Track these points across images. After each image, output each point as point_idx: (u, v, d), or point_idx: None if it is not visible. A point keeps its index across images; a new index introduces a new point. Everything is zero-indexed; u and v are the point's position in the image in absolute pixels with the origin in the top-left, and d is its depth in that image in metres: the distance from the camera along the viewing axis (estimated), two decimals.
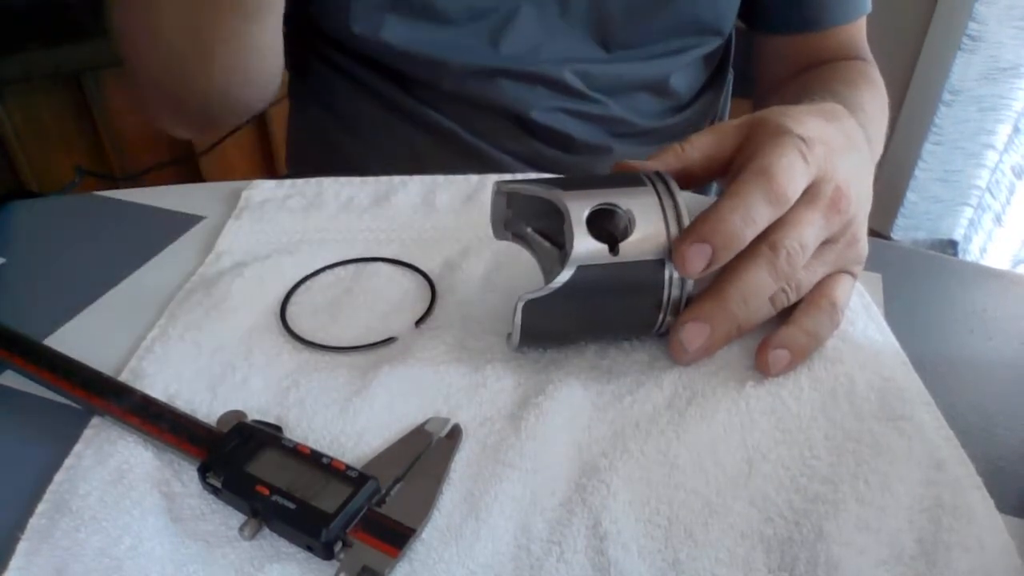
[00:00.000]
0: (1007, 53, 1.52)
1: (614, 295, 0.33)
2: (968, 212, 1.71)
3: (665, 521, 0.28)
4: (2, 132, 1.33)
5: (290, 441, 0.29)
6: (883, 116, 0.59)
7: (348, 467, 0.28)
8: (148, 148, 1.50)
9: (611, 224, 0.33)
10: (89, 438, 0.31)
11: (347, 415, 0.32)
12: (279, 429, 0.31)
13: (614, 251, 0.32)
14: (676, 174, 0.35)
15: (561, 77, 0.60)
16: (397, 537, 0.26)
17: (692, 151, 0.37)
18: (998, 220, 1.56)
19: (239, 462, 0.28)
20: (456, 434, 0.31)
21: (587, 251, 0.32)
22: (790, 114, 0.36)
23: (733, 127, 0.37)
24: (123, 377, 0.34)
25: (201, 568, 0.26)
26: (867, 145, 0.41)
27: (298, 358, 0.36)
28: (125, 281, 0.42)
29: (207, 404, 0.33)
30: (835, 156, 0.35)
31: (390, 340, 0.37)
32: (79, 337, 0.37)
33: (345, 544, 0.26)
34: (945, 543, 0.26)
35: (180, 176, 1.56)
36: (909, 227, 1.76)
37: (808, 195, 0.34)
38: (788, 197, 0.33)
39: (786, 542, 0.27)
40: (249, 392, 0.33)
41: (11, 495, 0.29)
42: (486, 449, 0.31)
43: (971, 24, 1.50)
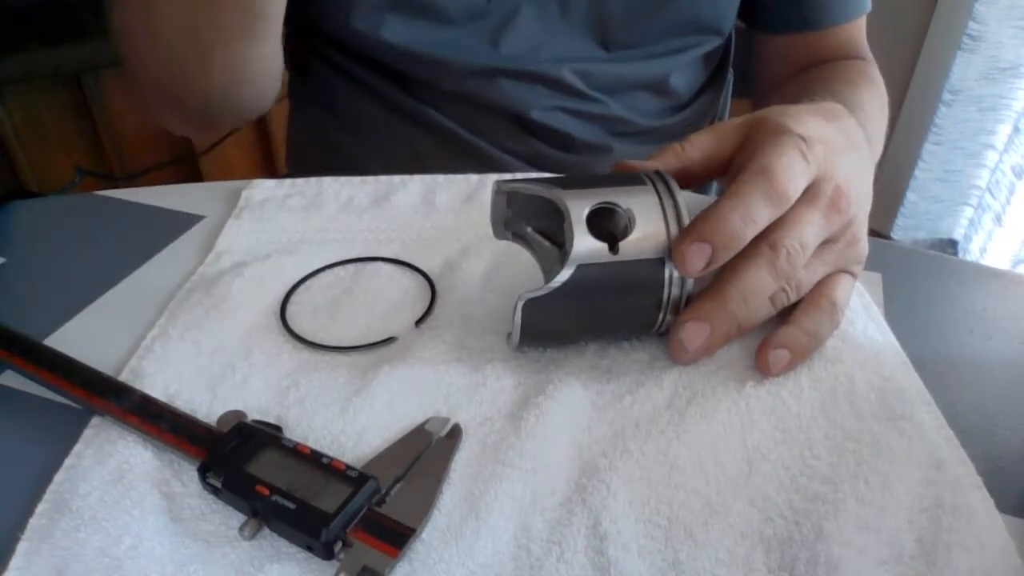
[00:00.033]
0: (1007, 53, 1.52)
1: (614, 294, 0.33)
2: (968, 212, 1.71)
3: (665, 521, 0.28)
4: (2, 132, 1.33)
5: (290, 441, 0.29)
6: (883, 115, 0.59)
7: (348, 467, 0.28)
8: (148, 148, 1.50)
9: (611, 223, 0.33)
10: (89, 438, 0.31)
11: (347, 415, 0.32)
12: (279, 429, 0.31)
13: (614, 250, 0.32)
14: (676, 173, 0.35)
15: (561, 77, 0.60)
16: (397, 537, 0.26)
17: (692, 150, 0.37)
18: (998, 220, 1.56)
19: (239, 462, 0.28)
20: (456, 434, 0.31)
21: (587, 250, 0.32)
22: (790, 113, 0.36)
23: (733, 126, 0.37)
24: (123, 377, 0.34)
25: (201, 568, 0.26)
26: (867, 144, 0.41)
27: (298, 358, 0.36)
28: (125, 281, 0.42)
29: (207, 404, 0.33)
30: (835, 155, 0.35)
31: (390, 340, 0.37)
32: (79, 337, 0.37)
33: (345, 544, 0.26)
34: (945, 543, 0.26)
35: (180, 176, 1.56)
36: (909, 227, 1.77)
37: (808, 195, 0.34)
38: (788, 196, 0.33)
39: (786, 542, 0.27)
40: (249, 392, 0.33)
41: (11, 495, 0.29)
42: (486, 449, 0.31)
43: (971, 24, 1.50)
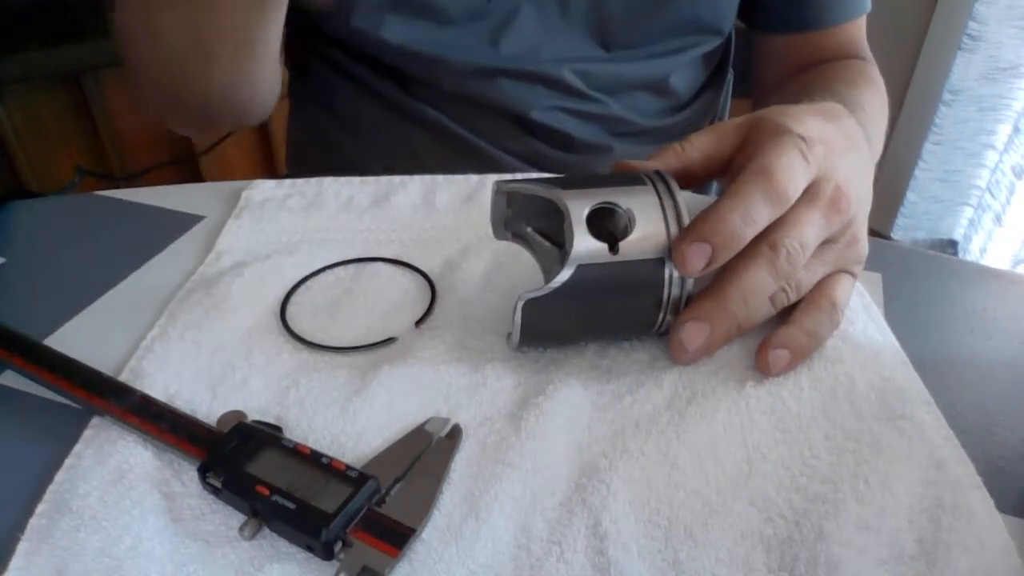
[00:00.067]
0: (1007, 53, 1.51)
1: (614, 294, 0.33)
2: (968, 212, 1.71)
3: (665, 521, 0.28)
4: (2, 132, 1.33)
5: (290, 441, 0.29)
6: (883, 115, 0.59)
7: (348, 467, 0.28)
8: (148, 148, 1.50)
9: (611, 223, 0.33)
10: (89, 438, 0.31)
11: (347, 415, 0.32)
12: (279, 429, 0.31)
13: (614, 250, 0.32)
14: (676, 173, 0.35)
15: (561, 76, 0.60)
16: (397, 537, 0.26)
17: (692, 150, 0.37)
18: (998, 220, 1.56)
19: (239, 462, 0.28)
20: (456, 434, 0.31)
21: (587, 250, 0.32)
22: (790, 113, 0.36)
23: (733, 126, 0.37)
24: (123, 377, 0.34)
25: (201, 568, 0.26)
26: (867, 144, 0.41)
27: (298, 358, 0.36)
28: (125, 281, 0.42)
29: (207, 404, 0.33)
30: (835, 155, 0.35)
31: (390, 340, 0.37)
32: (79, 337, 0.37)
33: (345, 544, 0.26)
34: (945, 543, 0.26)
35: (180, 176, 1.56)
36: (909, 227, 1.76)
37: (808, 194, 0.34)
38: (788, 196, 0.33)
39: (786, 542, 0.27)
40: (249, 392, 0.33)
41: (11, 495, 0.29)
42: (486, 449, 0.31)
43: (971, 24, 1.50)
